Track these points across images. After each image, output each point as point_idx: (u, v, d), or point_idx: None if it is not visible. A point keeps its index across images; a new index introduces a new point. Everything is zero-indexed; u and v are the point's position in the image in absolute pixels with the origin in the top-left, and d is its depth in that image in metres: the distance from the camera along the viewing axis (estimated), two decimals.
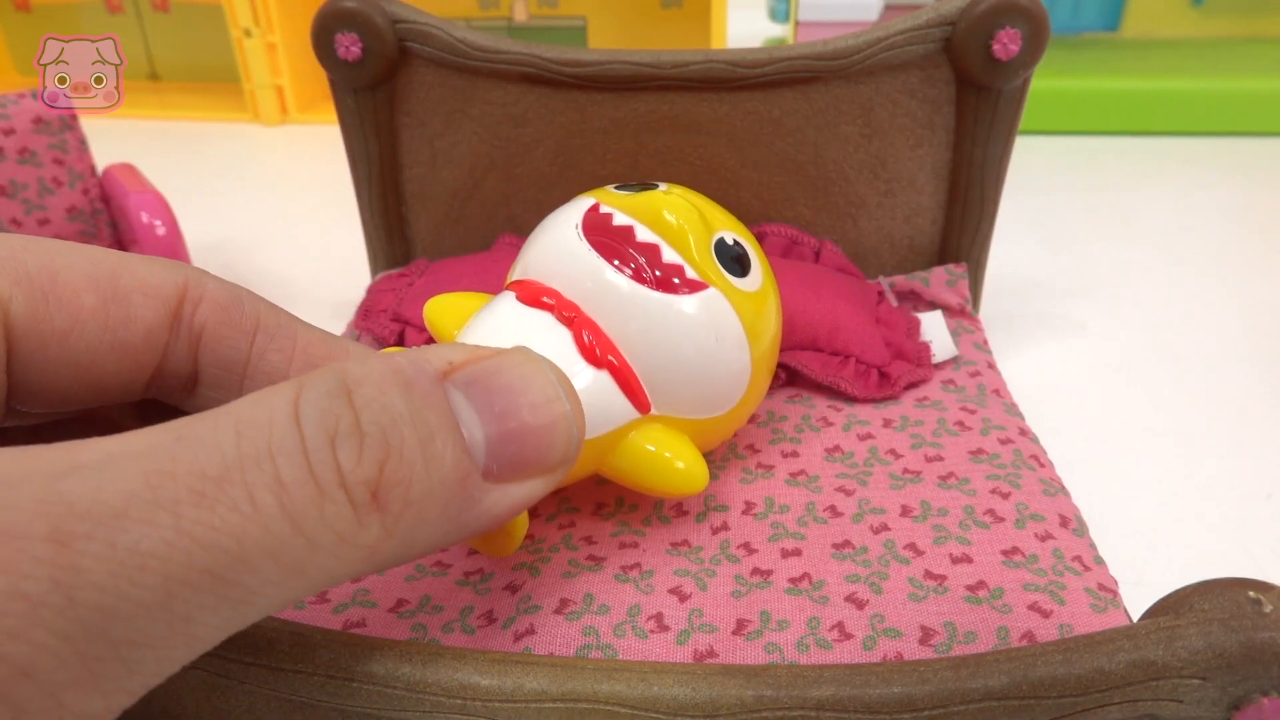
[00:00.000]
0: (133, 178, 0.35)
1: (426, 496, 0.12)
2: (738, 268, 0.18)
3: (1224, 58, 0.56)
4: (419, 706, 0.13)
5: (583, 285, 0.17)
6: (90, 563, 0.09)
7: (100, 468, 0.10)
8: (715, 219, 0.18)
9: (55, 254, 0.14)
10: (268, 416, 0.11)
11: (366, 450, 0.11)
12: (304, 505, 0.11)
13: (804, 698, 0.12)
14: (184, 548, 0.10)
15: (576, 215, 0.18)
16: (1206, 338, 0.32)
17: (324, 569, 0.11)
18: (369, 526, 0.11)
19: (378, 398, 0.12)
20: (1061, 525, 0.18)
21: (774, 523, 0.18)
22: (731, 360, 0.17)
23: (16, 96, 0.34)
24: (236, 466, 0.10)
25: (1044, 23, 0.24)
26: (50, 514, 0.09)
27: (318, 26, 0.26)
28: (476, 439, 0.12)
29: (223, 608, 0.10)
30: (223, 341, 0.15)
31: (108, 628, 0.09)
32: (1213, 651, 0.11)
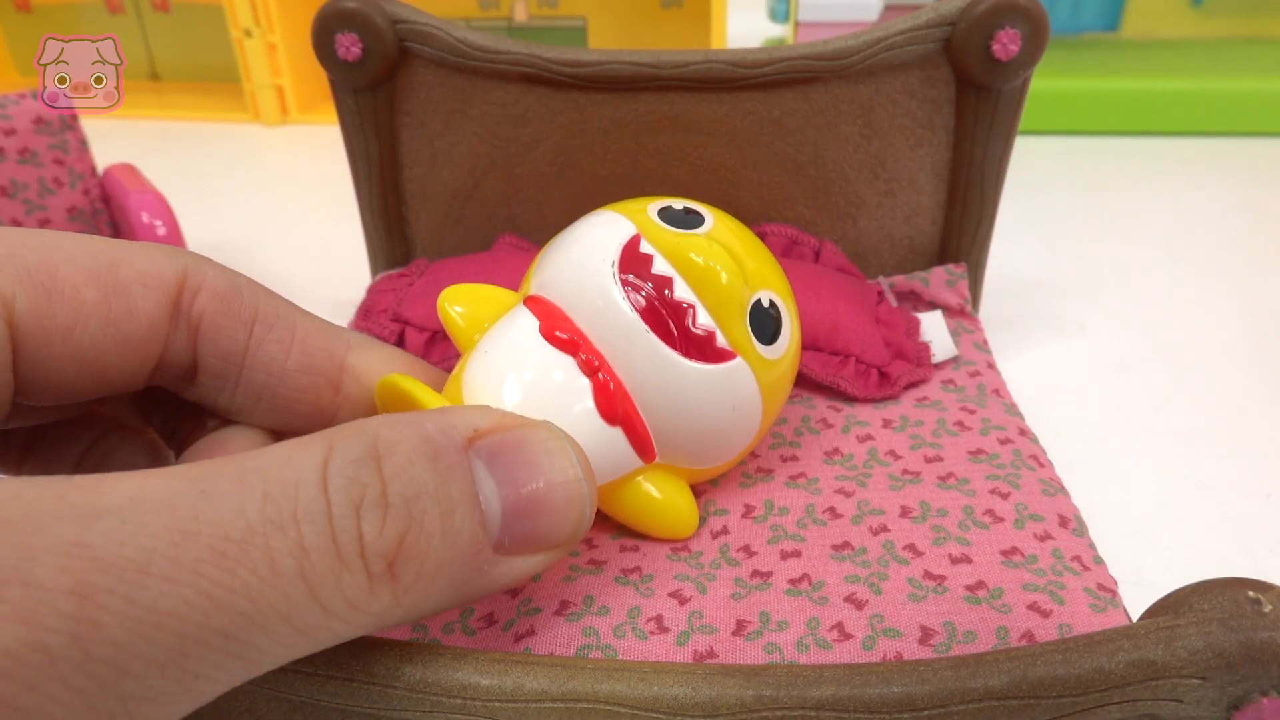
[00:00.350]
0: (133, 178, 0.35)
1: (439, 569, 0.12)
2: (769, 336, 0.17)
3: (1224, 58, 0.56)
4: (419, 706, 0.13)
5: (608, 332, 0.16)
6: (109, 619, 0.09)
7: (123, 517, 0.10)
8: (756, 274, 0.17)
9: (54, 248, 0.14)
10: (295, 479, 0.11)
11: (390, 522, 0.11)
12: (323, 573, 0.11)
13: (804, 697, 0.12)
14: (202, 608, 0.10)
15: (614, 248, 0.17)
16: (1206, 338, 0.32)
17: (332, 632, 0.11)
18: (380, 596, 0.11)
19: (407, 469, 0.12)
20: (1061, 525, 0.18)
21: (773, 525, 0.18)
22: (744, 425, 0.17)
23: (17, 97, 0.34)
24: (260, 530, 0.10)
25: (1044, 23, 0.24)
26: (74, 567, 0.09)
27: (318, 27, 0.26)
28: (493, 511, 0.13)
29: (232, 666, 0.10)
30: (221, 332, 0.15)
31: (120, 684, 0.09)
32: (1212, 651, 0.11)
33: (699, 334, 0.16)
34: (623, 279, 0.16)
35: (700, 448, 0.17)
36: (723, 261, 0.17)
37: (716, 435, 0.17)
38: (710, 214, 0.18)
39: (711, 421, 0.17)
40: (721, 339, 0.17)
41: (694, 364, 0.16)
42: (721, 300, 0.17)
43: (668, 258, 0.17)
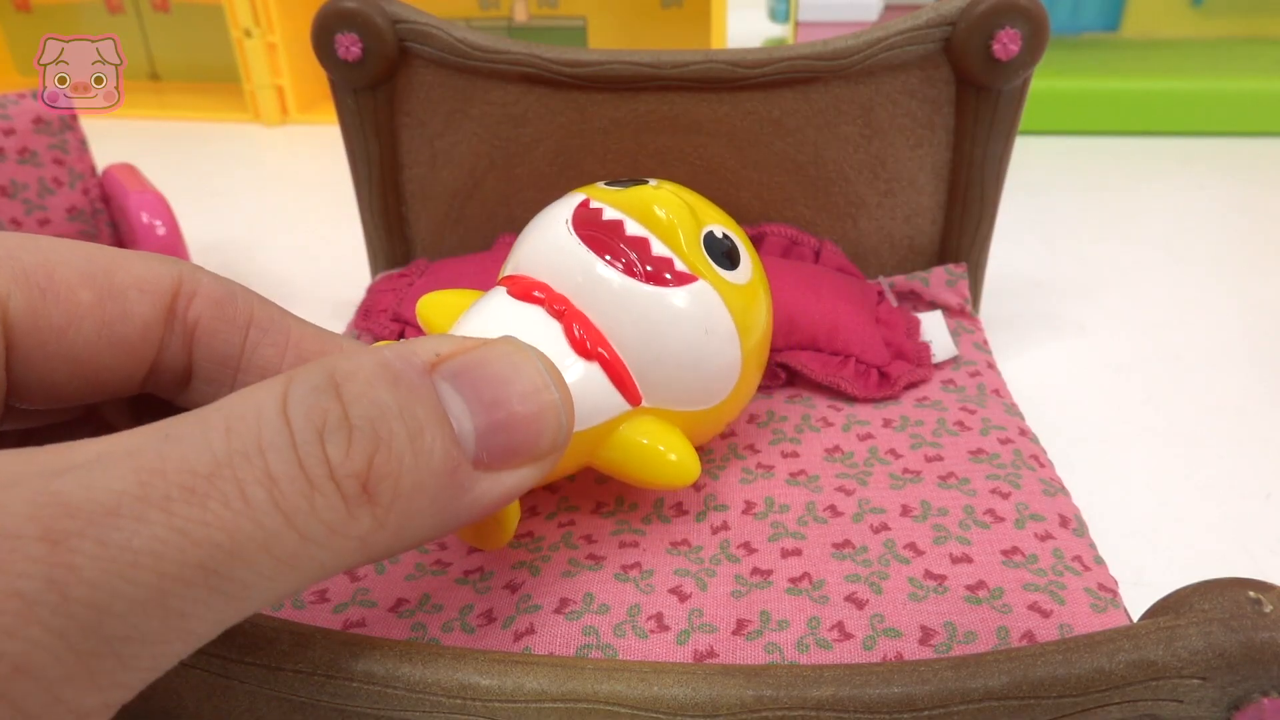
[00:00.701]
0: (133, 178, 0.35)
1: (416, 488, 0.12)
2: (727, 261, 0.18)
3: (1224, 58, 0.56)
4: (419, 706, 0.13)
5: (573, 279, 0.17)
6: (83, 560, 0.09)
7: (91, 467, 0.10)
8: (705, 213, 0.19)
9: (51, 251, 0.14)
10: (256, 412, 0.11)
11: (355, 443, 0.11)
12: (295, 499, 0.11)
13: (804, 698, 0.12)
14: (176, 544, 0.10)
15: (566, 210, 0.18)
16: (1207, 338, 0.32)
17: (317, 561, 0.11)
18: (360, 518, 0.11)
19: (366, 392, 0.12)
20: (1061, 525, 0.18)
21: (774, 522, 0.18)
22: (722, 352, 0.18)
23: (17, 97, 0.34)
24: (226, 462, 0.10)
25: (1044, 23, 0.24)
26: (43, 514, 0.09)
27: (318, 27, 0.26)
28: (466, 429, 0.13)
29: (217, 601, 0.10)
30: (216, 336, 0.15)
31: (102, 624, 0.09)
32: (1213, 651, 0.11)
33: (657, 259, 0.17)
34: (578, 232, 0.17)
35: (683, 381, 0.17)
36: (667, 200, 0.18)
37: (695, 364, 0.17)
38: (656, 180, 0.19)
39: (686, 347, 0.17)
40: (680, 264, 0.17)
41: (657, 288, 0.17)
42: (672, 231, 0.17)
43: (616, 208, 0.18)
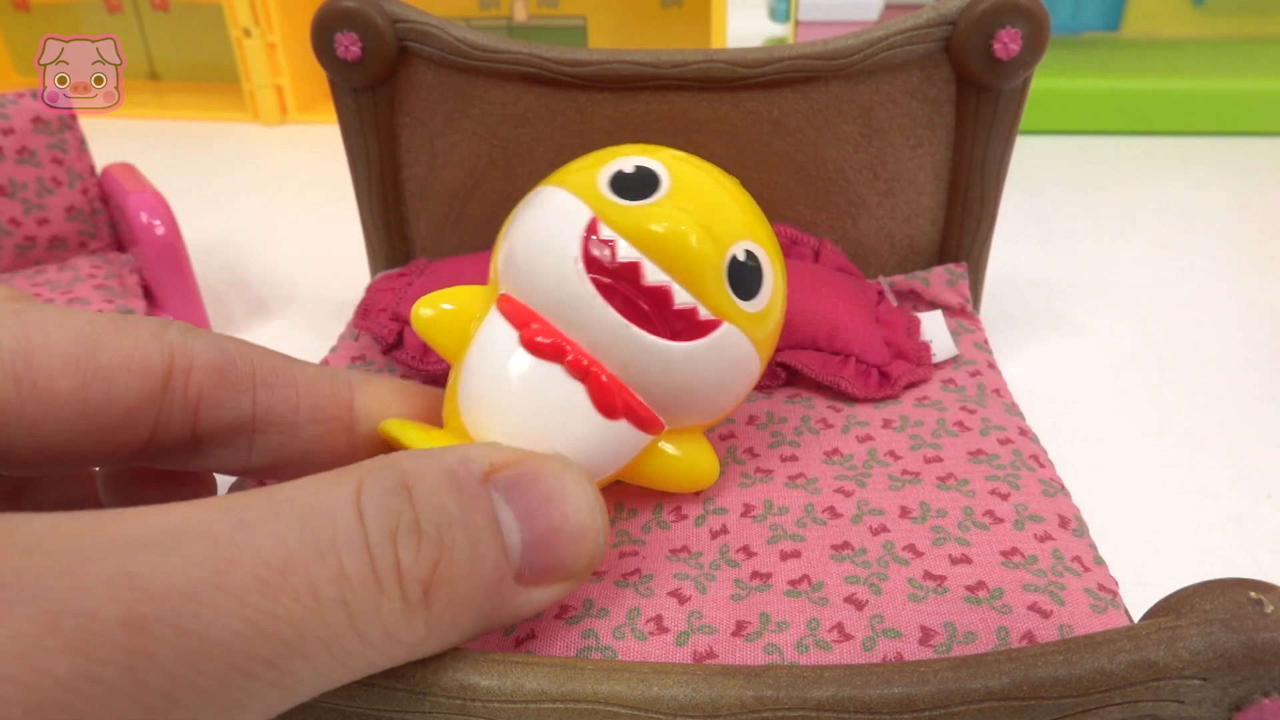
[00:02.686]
0: (132, 177, 0.35)
1: (467, 597, 0.12)
2: (752, 287, 0.17)
3: (1225, 58, 0.56)
4: (418, 707, 0.13)
5: (589, 331, 0.16)
6: (162, 649, 0.09)
7: (167, 546, 0.10)
8: (724, 229, 0.16)
9: (34, 329, 0.13)
10: (330, 508, 0.11)
11: (424, 549, 0.12)
12: (363, 599, 0.11)
13: (804, 698, 0.12)
14: (247, 636, 0.10)
15: (574, 241, 0.16)
16: (1206, 338, 0.32)
17: (367, 661, 0.11)
18: (415, 624, 0.11)
19: (434, 497, 0.12)
20: (1061, 526, 0.18)
21: (773, 524, 0.18)
22: (744, 378, 0.17)
23: (15, 96, 0.34)
24: (300, 558, 0.10)
25: (1044, 22, 0.24)
26: (124, 597, 0.09)
27: (317, 26, 0.26)
28: (514, 542, 0.13)
29: (271, 695, 0.10)
30: (223, 406, 0.15)
31: (169, 715, 0.09)
32: (1214, 652, 0.11)
33: (680, 312, 0.16)
34: (591, 277, 0.16)
35: (706, 409, 0.17)
36: (687, 228, 0.16)
37: (719, 395, 0.17)
38: (665, 169, 0.17)
39: (711, 388, 0.17)
40: (704, 311, 0.16)
41: (681, 345, 0.16)
42: (694, 270, 0.16)
43: (629, 239, 0.16)
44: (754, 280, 0.17)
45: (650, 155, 0.17)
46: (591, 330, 0.16)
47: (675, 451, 0.17)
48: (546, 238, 0.16)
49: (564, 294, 0.16)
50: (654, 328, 0.16)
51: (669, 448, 0.17)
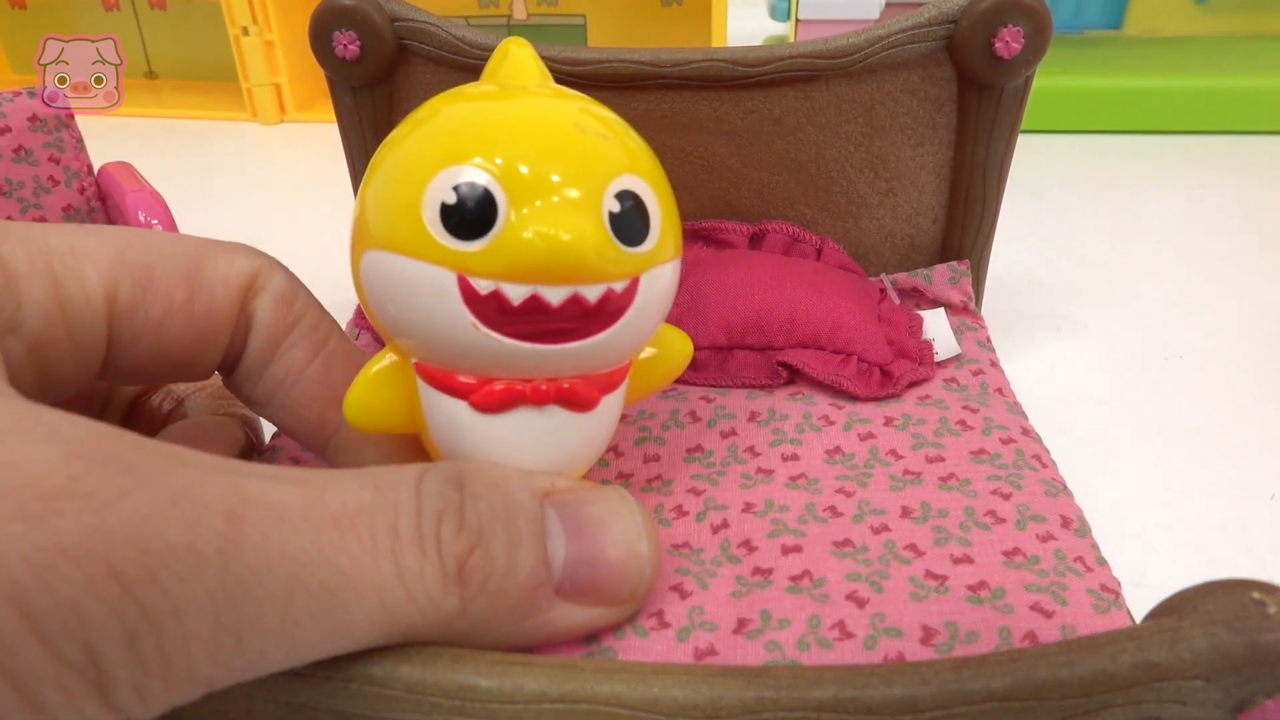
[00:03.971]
0: (130, 176, 0.35)
1: (501, 591, 0.13)
2: (641, 230, 0.15)
3: (1228, 56, 0.56)
4: (418, 708, 0.13)
5: (529, 366, 0.15)
6: (248, 545, 0.11)
7: (270, 479, 0.12)
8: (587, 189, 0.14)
9: (154, 248, 0.16)
10: (398, 482, 0.13)
11: (463, 532, 0.13)
12: (409, 558, 0.12)
13: (805, 699, 0.12)
14: (314, 559, 0.11)
15: (458, 310, 0.14)
16: (1210, 337, 0.32)
17: (410, 623, 0.13)
18: (451, 596, 0.13)
19: (483, 494, 0.14)
20: (1063, 526, 0.18)
21: (774, 520, 0.18)
22: (673, 285, 0.17)
23: (12, 95, 0.34)
24: (369, 510, 0.12)
25: (1047, 21, 0.24)
26: (230, 498, 0.11)
27: (315, 25, 0.26)
28: (558, 556, 0.14)
29: (325, 623, 0.12)
30: (265, 327, 0.17)
31: (242, 603, 0.11)
32: (1216, 653, 0.11)
33: (597, 306, 0.15)
34: (502, 332, 0.14)
35: (656, 328, 0.17)
36: (552, 231, 0.14)
37: (663, 315, 0.17)
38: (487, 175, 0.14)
39: (656, 319, 0.17)
40: (618, 285, 0.15)
41: (611, 330, 0.15)
42: (585, 265, 0.14)
43: (509, 279, 0.14)
44: (640, 221, 0.15)
45: (459, 161, 0.14)
46: (530, 365, 0.15)
47: (647, 352, 0.18)
48: (430, 318, 0.15)
49: (483, 353, 0.15)
50: (584, 331, 0.15)
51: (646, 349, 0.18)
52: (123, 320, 0.15)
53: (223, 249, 0.17)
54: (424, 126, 0.15)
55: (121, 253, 0.15)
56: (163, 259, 0.16)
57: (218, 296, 0.16)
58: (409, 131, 0.15)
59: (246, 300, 0.17)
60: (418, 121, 0.15)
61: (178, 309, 0.16)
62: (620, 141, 0.16)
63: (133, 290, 0.15)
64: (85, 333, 0.15)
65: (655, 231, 0.15)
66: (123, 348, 0.15)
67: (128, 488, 0.10)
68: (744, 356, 0.24)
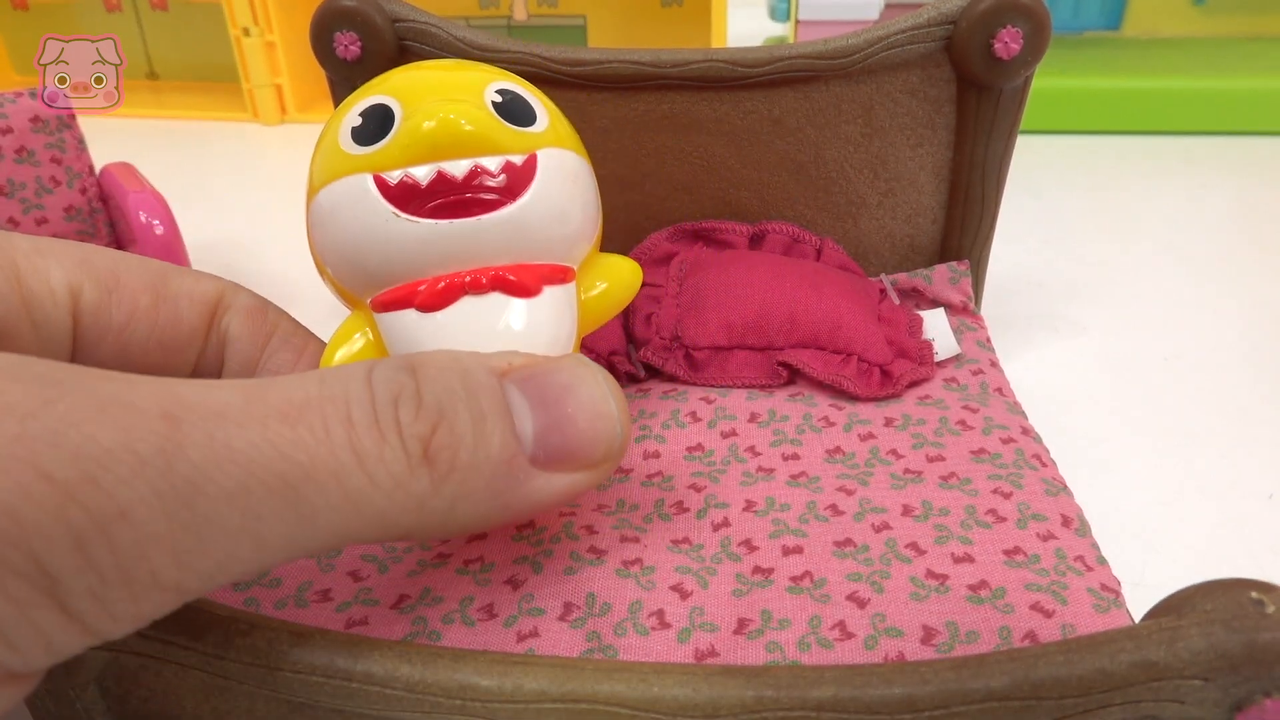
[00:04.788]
0: (131, 177, 0.35)
1: (473, 467, 0.13)
2: (528, 114, 0.17)
3: (1226, 57, 0.56)
4: (418, 707, 0.13)
5: (459, 250, 0.16)
6: (190, 443, 0.11)
7: (205, 384, 0.12)
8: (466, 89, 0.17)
9: (119, 259, 0.16)
10: (345, 374, 0.13)
11: (422, 413, 0.13)
12: (367, 443, 0.12)
13: (805, 698, 0.12)
14: (266, 453, 0.11)
15: (378, 204, 0.16)
16: (1208, 337, 0.32)
17: (378, 510, 0.12)
18: (419, 477, 0.12)
19: (438, 377, 0.13)
20: (1064, 525, 0.18)
21: (774, 519, 0.18)
22: (587, 181, 0.18)
23: (14, 95, 0.34)
24: (317, 401, 0.12)
25: (1045, 21, 0.24)
26: (164, 401, 0.11)
27: (316, 26, 0.26)
28: (526, 429, 0.14)
29: (287, 515, 0.11)
30: (242, 342, 0.17)
31: (195, 500, 0.11)
32: (1215, 652, 0.11)
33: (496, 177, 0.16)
34: (420, 214, 0.16)
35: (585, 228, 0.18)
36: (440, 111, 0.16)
37: (587, 209, 0.18)
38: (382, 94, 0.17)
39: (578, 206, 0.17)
40: (515, 157, 0.16)
41: (526, 193, 0.16)
42: (477, 135, 0.16)
43: (412, 161, 0.16)
44: (523, 107, 0.17)
45: (364, 98, 0.17)
46: (458, 248, 0.16)
47: (602, 285, 0.18)
48: (358, 227, 0.16)
49: (413, 244, 0.16)
50: (497, 201, 0.16)
51: (597, 285, 0.18)
52: (87, 318, 0.15)
53: (186, 270, 0.17)
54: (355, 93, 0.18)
55: (86, 257, 0.15)
56: (127, 268, 0.16)
57: (183, 308, 0.16)
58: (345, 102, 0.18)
59: (216, 318, 0.17)
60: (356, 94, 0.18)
61: (142, 314, 0.16)
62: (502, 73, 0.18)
63: (97, 290, 0.15)
64: (49, 326, 0.15)
65: (543, 118, 0.17)
66: (88, 348, 0.15)
67: (51, 397, 0.10)
68: (744, 356, 0.24)
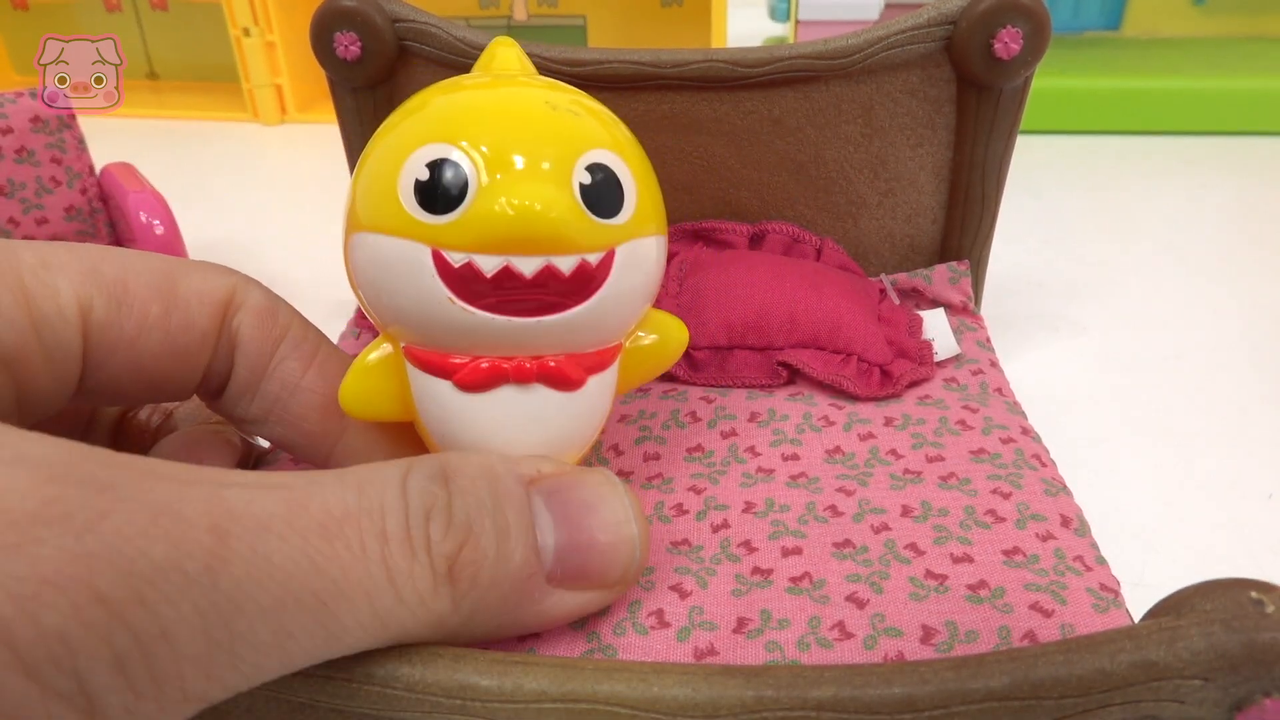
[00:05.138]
0: (131, 177, 0.35)
1: (493, 584, 0.13)
2: (615, 201, 0.15)
3: (1226, 57, 0.56)
4: (418, 707, 0.13)
5: (510, 342, 0.15)
6: (236, 559, 0.11)
7: (252, 488, 0.12)
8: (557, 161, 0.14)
9: (126, 263, 0.15)
10: (382, 482, 0.13)
11: (452, 530, 0.13)
12: (399, 560, 0.12)
13: (804, 698, 0.12)
14: (304, 569, 0.11)
15: (433, 284, 0.14)
16: (1208, 337, 0.32)
17: (401, 626, 0.12)
18: (441, 596, 0.13)
19: (470, 488, 0.13)
20: (1063, 525, 0.18)
21: (774, 520, 0.18)
22: (658, 260, 0.16)
23: (14, 95, 0.34)
24: (355, 514, 0.12)
25: (1045, 21, 0.24)
26: (213, 511, 0.11)
27: (316, 26, 0.26)
28: (548, 544, 0.14)
29: (317, 633, 0.12)
30: (252, 344, 0.17)
31: (233, 619, 0.11)
32: (1214, 652, 0.11)
33: (574, 277, 0.14)
34: (477, 306, 0.14)
35: (644, 307, 0.17)
36: (522, 202, 0.14)
37: (649, 290, 0.16)
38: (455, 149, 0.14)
39: (641, 296, 0.16)
40: (592, 257, 0.15)
41: (594, 297, 0.15)
42: (557, 234, 0.14)
43: (481, 250, 0.14)
44: (613, 193, 0.15)
45: (433, 140, 0.14)
46: (510, 341, 0.15)
47: (649, 339, 0.17)
48: (408, 296, 0.15)
49: (463, 329, 0.15)
50: (562, 304, 0.15)
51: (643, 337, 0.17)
52: (97, 334, 0.15)
53: (195, 267, 0.16)
54: (411, 115, 0.16)
55: (94, 266, 0.15)
56: (136, 274, 0.15)
57: (194, 312, 0.16)
58: (398, 121, 0.16)
59: (227, 318, 0.16)
60: (407, 111, 0.16)
61: (153, 323, 0.15)
62: (594, 119, 0.16)
63: (107, 304, 0.15)
64: (59, 348, 0.14)
65: (630, 204, 0.15)
66: (98, 364, 0.15)
67: (106, 508, 0.10)
68: (744, 356, 0.24)
